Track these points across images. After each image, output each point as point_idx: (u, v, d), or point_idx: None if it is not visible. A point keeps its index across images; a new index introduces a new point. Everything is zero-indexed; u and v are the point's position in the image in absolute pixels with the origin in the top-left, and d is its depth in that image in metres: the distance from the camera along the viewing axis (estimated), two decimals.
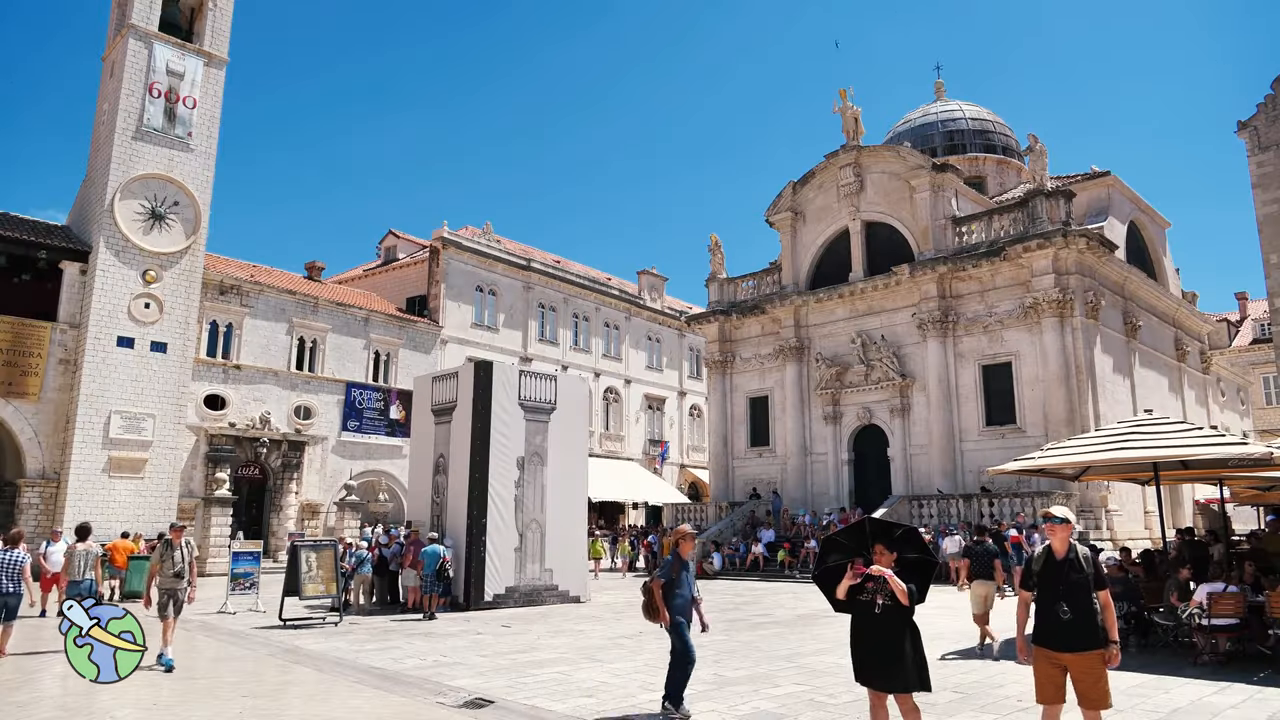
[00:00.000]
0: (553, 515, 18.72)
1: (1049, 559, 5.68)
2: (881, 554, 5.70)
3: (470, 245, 39.24)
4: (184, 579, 10.59)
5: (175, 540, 10.75)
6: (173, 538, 10.81)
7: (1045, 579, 5.63)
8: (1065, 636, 5.44)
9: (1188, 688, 8.88)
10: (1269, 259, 23.42)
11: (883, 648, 5.62)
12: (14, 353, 26.22)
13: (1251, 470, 12.37)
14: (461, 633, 13.80)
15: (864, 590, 5.70)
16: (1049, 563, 5.66)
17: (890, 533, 5.90)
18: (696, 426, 49.08)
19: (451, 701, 8.49)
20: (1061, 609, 5.44)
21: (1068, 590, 5.48)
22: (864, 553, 5.85)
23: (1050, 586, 5.56)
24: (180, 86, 29.72)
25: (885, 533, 5.89)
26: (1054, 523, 5.70)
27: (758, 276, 35.48)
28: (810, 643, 12.51)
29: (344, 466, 33.24)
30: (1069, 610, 5.43)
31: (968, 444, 27.73)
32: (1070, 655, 5.43)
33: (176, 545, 10.69)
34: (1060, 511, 5.73)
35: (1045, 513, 5.84)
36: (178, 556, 10.62)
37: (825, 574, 6.05)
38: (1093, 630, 5.41)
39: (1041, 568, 5.69)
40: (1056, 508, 5.83)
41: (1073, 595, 5.46)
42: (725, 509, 32.04)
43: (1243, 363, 48.61)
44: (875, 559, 5.71)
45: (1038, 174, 28.17)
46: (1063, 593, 5.49)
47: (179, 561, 10.61)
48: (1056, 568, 5.60)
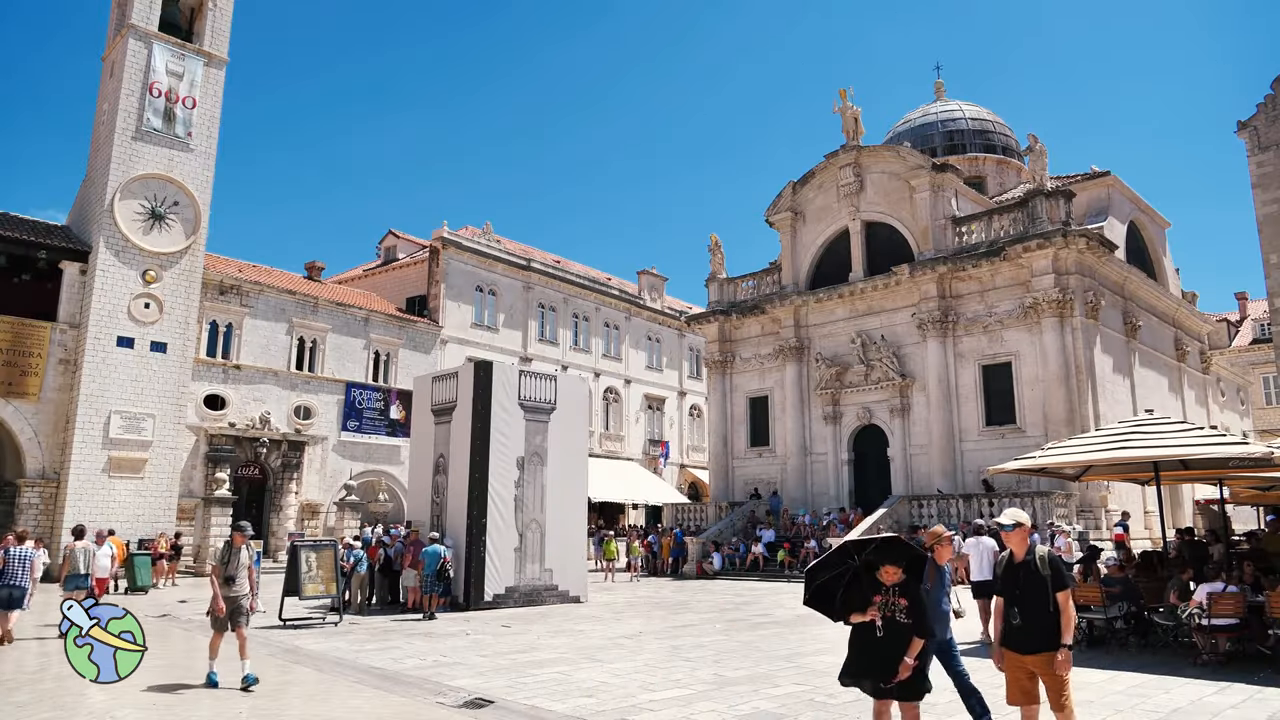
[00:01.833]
0: (553, 515, 18.71)
1: (1009, 563, 5.78)
2: (891, 573, 5.47)
3: (470, 245, 39.25)
4: (246, 586, 9.55)
5: (238, 543, 9.66)
6: (235, 540, 9.69)
7: (1005, 583, 5.74)
8: (1019, 639, 5.57)
9: (1188, 688, 8.88)
10: (1269, 259, 23.42)
11: (889, 662, 5.40)
12: (14, 353, 26.22)
13: (1251, 470, 12.38)
14: (461, 633, 13.80)
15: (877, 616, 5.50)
16: (1009, 567, 5.77)
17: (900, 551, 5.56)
18: (696, 426, 49.08)
19: (451, 701, 8.49)
20: (1014, 613, 5.58)
21: (1022, 594, 5.59)
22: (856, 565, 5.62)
23: (1009, 590, 5.69)
24: (180, 86, 29.72)
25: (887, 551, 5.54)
26: (1006, 530, 5.79)
27: (758, 276, 35.48)
28: (810, 643, 12.51)
29: (344, 466, 33.24)
30: (1019, 614, 5.55)
31: (968, 444, 27.72)
32: (1030, 658, 5.52)
33: (239, 548, 9.63)
34: (1010, 517, 5.79)
35: (995, 523, 5.88)
36: (240, 560, 9.56)
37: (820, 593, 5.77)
38: (1046, 632, 5.47)
39: (1003, 571, 5.80)
40: (1006, 514, 5.88)
41: (1026, 599, 5.55)
42: (725, 509, 32.04)
43: (1243, 363, 48.62)
44: (884, 578, 5.47)
45: (1038, 174, 28.17)
46: (1018, 597, 5.60)
47: (240, 566, 9.54)
48: (1014, 571, 5.71)
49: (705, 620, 15.54)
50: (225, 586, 9.33)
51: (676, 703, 8.40)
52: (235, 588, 9.39)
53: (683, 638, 13.12)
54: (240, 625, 9.28)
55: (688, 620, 15.59)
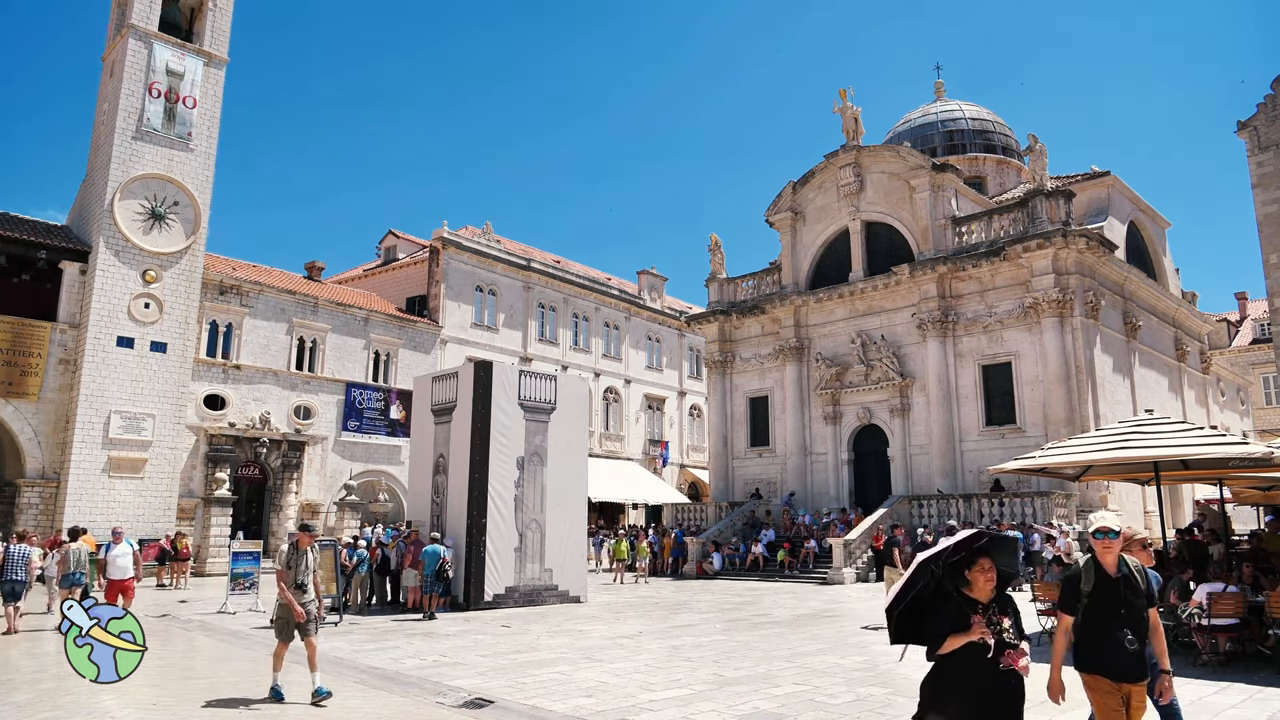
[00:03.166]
0: (553, 515, 18.72)
1: (1100, 576, 4.85)
2: (984, 581, 4.24)
3: (470, 245, 39.25)
4: (311, 592, 8.92)
5: (303, 544, 9.02)
6: (301, 541, 9.04)
7: (1099, 601, 4.82)
8: (1132, 666, 4.75)
9: (1188, 688, 8.87)
10: (1269, 259, 23.42)
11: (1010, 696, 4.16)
12: (14, 353, 26.23)
13: (1251, 470, 12.37)
14: (461, 633, 13.80)
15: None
16: (1101, 581, 4.84)
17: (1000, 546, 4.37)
18: (696, 426, 49.08)
19: (451, 701, 8.50)
20: (1127, 637, 4.75)
21: (1128, 612, 4.77)
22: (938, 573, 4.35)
23: (1106, 609, 4.80)
24: (180, 86, 29.72)
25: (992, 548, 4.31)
26: (1108, 538, 4.84)
27: (758, 276, 35.48)
28: (810, 643, 12.51)
29: (344, 466, 33.24)
30: (1135, 638, 4.75)
31: (968, 444, 27.73)
32: (1137, 686, 4.79)
33: (304, 550, 9.01)
34: (1102, 521, 4.88)
35: (1102, 526, 4.86)
36: (303, 566, 8.91)
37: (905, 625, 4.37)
38: (1148, 657, 4.89)
39: (1095, 587, 4.85)
40: (1098, 517, 4.94)
41: (1137, 620, 4.78)
42: (725, 509, 32.03)
43: (1243, 363, 48.64)
44: (977, 580, 4.23)
45: (1037, 174, 28.17)
46: (1124, 617, 4.76)
47: (304, 572, 8.90)
48: (1112, 587, 4.82)
49: (705, 620, 15.54)
50: (295, 593, 8.72)
51: (676, 703, 8.40)
52: (304, 594, 8.78)
53: (683, 638, 13.12)
54: (310, 634, 8.64)
55: (688, 620, 15.59)
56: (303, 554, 8.95)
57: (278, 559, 9.07)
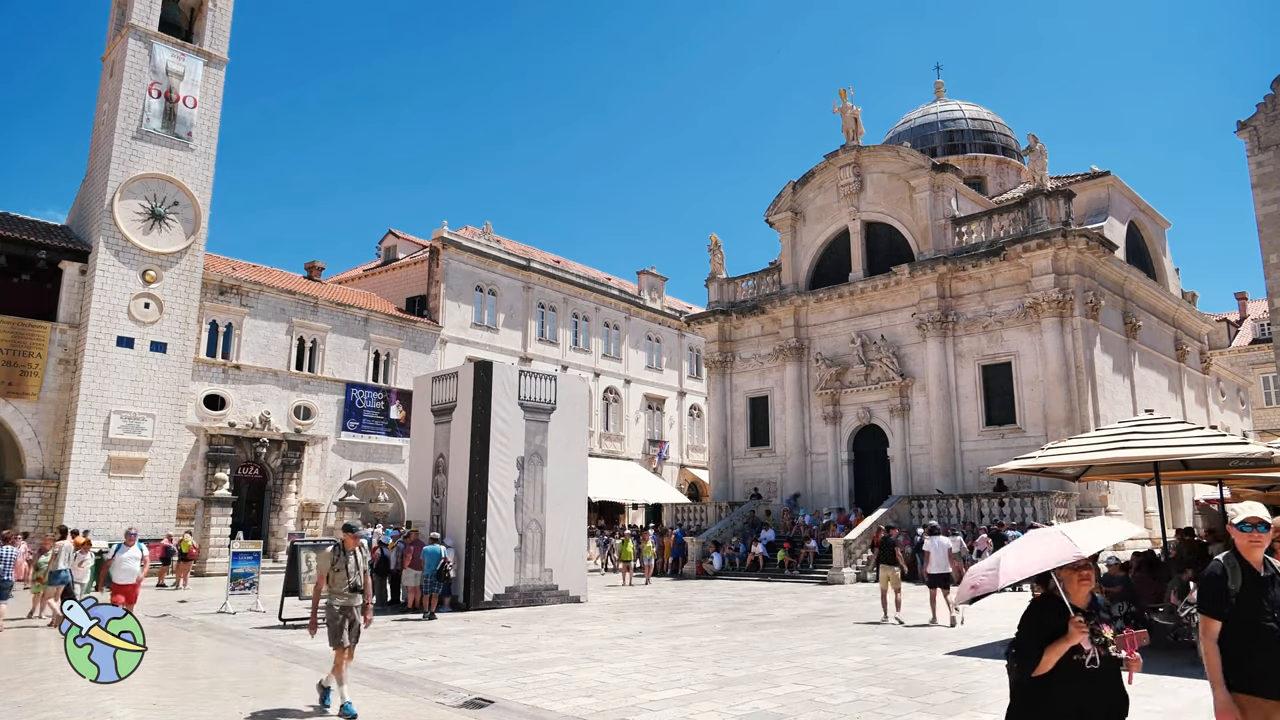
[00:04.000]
0: (553, 515, 18.71)
1: (1248, 575, 4.13)
2: (1081, 584, 3.81)
3: (470, 245, 39.25)
4: (360, 595, 8.29)
5: (350, 545, 8.38)
6: (347, 543, 8.40)
7: (1247, 604, 4.07)
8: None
9: (1188, 688, 8.87)
10: (1269, 259, 23.44)
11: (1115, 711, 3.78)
12: (14, 353, 26.23)
13: (1252, 470, 12.38)
14: (461, 633, 13.80)
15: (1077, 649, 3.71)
16: (1251, 581, 4.11)
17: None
18: (696, 426, 49.08)
19: (451, 701, 8.49)
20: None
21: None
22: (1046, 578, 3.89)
23: (1256, 613, 4.05)
24: (180, 86, 29.72)
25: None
26: (1257, 530, 4.12)
27: (758, 276, 35.48)
28: (810, 643, 12.51)
29: (344, 466, 33.24)
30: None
31: (967, 444, 27.72)
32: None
33: (351, 552, 8.37)
34: (1262, 513, 4.17)
35: (1250, 517, 4.14)
36: (352, 566, 8.29)
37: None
38: None
39: (1241, 588, 4.11)
40: (1250, 505, 4.23)
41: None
42: (725, 509, 32.03)
43: (1242, 363, 48.64)
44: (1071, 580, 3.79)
45: (1037, 174, 28.17)
46: (1279, 622, 4.03)
47: (354, 572, 8.27)
48: (1260, 588, 4.09)
49: (705, 620, 15.54)
50: (336, 595, 8.18)
51: (676, 703, 8.40)
52: (348, 596, 8.20)
53: (683, 638, 13.12)
54: (344, 644, 8.13)
55: (688, 620, 15.58)
56: (350, 555, 8.36)
57: (320, 562, 8.48)
